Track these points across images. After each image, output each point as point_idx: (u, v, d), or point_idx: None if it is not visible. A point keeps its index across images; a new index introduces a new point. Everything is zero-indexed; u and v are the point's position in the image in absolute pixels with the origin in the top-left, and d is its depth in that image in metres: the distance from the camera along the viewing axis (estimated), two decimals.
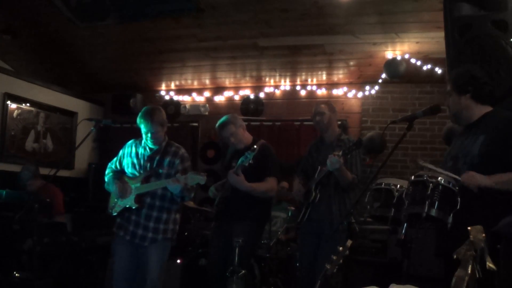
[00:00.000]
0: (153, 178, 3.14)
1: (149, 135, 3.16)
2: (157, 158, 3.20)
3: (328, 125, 3.54)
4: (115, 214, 3.23)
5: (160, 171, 3.17)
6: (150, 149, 3.24)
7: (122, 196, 3.16)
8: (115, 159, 3.39)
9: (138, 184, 3.15)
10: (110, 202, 3.28)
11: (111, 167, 3.38)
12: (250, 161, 3.25)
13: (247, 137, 3.66)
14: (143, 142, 3.28)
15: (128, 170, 3.28)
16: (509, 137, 2.23)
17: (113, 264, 3.31)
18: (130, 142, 3.39)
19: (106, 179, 3.34)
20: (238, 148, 3.60)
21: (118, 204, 3.20)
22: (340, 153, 3.11)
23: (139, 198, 3.13)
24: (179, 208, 3.34)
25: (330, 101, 3.74)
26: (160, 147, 3.24)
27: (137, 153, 3.27)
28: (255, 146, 3.28)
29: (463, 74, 2.45)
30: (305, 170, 3.64)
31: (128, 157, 3.30)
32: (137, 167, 3.24)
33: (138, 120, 3.21)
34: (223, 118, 3.62)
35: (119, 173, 3.33)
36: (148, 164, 3.20)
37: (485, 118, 2.38)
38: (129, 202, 3.14)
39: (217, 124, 3.63)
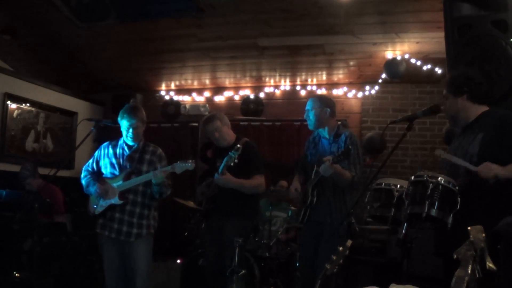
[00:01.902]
0: (133, 176, 3.23)
1: (131, 130, 3.27)
2: (137, 156, 3.31)
3: (320, 121, 3.37)
4: (97, 214, 3.29)
5: (141, 168, 3.28)
6: (129, 148, 3.34)
7: (104, 196, 3.24)
8: (90, 161, 3.47)
9: (120, 182, 3.24)
10: (90, 204, 3.36)
11: (87, 170, 3.45)
12: (235, 160, 3.27)
13: (231, 135, 3.69)
14: (119, 142, 3.38)
15: (107, 170, 3.36)
16: (506, 135, 2.24)
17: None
18: (105, 144, 3.47)
19: (83, 182, 3.41)
20: (220, 146, 3.65)
21: (100, 204, 3.27)
22: (331, 159, 3.04)
23: (123, 195, 3.22)
24: (157, 206, 3.43)
25: (322, 95, 3.61)
26: (139, 146, 3.35)
27: (115, 153, 3.36)
28: (238, 145, 3.30)
29: (458, 76, 2.49)
30: (304, 167, 3.61)
31: (106, 158, 3.38)
32: (116, 166, 3.33)
33: (120, 115, 3.32)
34: (209, 114, 3.73)
35: (96, 175, 3.41)
36: (128, 163, 3.29)
37: (482, 118, 2.40)
38: (114, 199, 3.22)
39: (203, 119, 3.69)
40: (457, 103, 2.43)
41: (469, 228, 1.38)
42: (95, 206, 3.30)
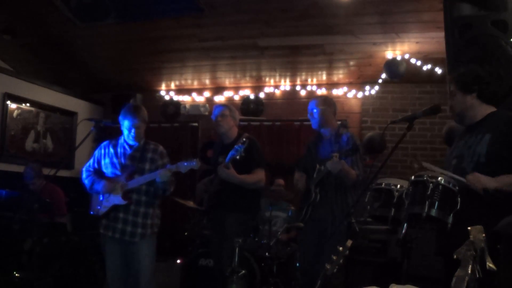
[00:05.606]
0: (136, 175, 3.22)
1: (133, 130, 3.25)
2: (138, 155, 3.29)
3: (324, 120, 3.51)
4: (101, 215, 3.26)
5: (144, 167, 3.26)
6: (130, 147, 3.32)
7: (112, 192, 3.21)
8: (90, 161, 3.44)
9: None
10: (93, 204, 3.38)
11: (89, 170, 3.42)
12: (242, 154, 3.33)
13: (234, 130, 3.76)
14: (120, 141, 3.36)
15: (108, 170, 3.33)
16: None
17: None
18: (104, 143, 3.44)
19: (86, 182, 3.37)
20: (219, 133, 3.74)
21: (104, 205, 3.25)
22: (338, 155, 3.14)
23: (127, 195, 3.20)
24: (159, 203, 3.43)
25: (326, 96, 3.75)
26: (140, 144, 3.33)
27: (115, 153, 3.33)
28: (244, 139, 3.40)
29: (468, 73, 2.46)
30: (305, 167, 3.64)
31: (107, 157, 3.36)
32: (117, 166, 3.30)
33: (122, 115, 3.30)
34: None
35: (99, 173, 3.38)
36: (130, 163, 3.28)
37: (489, 118, 2.39)
38: (117, 199, 3.19)
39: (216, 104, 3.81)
40: (466, 100, 2.41)
41: (469, 228, 1.38)
42: (98, 207, 3.28)
